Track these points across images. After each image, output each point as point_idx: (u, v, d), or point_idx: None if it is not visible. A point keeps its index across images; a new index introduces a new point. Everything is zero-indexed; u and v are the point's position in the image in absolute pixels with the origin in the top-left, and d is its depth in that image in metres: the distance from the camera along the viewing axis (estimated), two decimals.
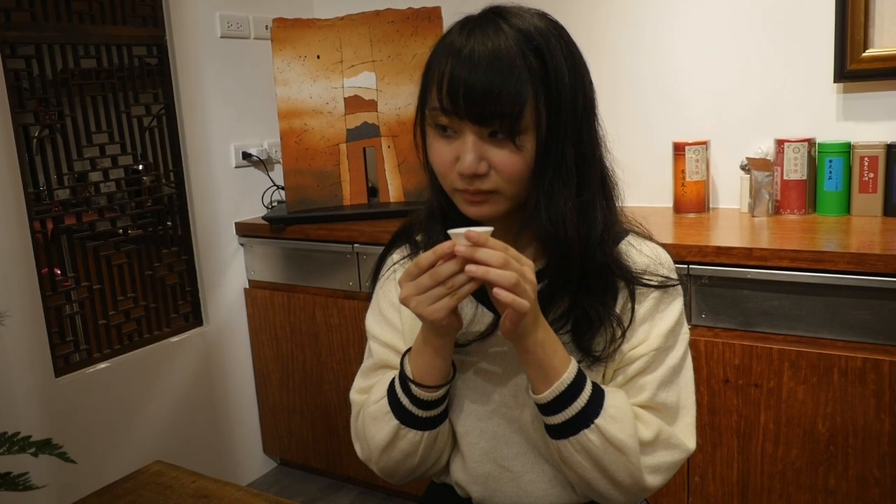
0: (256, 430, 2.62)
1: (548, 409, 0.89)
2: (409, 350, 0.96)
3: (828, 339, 1.61)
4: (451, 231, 0.84)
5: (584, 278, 0.93)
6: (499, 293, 0.81)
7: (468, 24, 0.92)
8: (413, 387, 0.93)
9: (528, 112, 0.87)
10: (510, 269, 0.81)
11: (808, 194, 1.96)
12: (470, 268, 0.81)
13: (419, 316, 0.86)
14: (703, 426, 1.75)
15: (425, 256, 0.84)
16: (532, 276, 0.84)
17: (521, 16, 0.91)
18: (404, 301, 0.86)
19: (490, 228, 0.84)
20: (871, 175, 1.88)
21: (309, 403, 2.45)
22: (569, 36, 0.93)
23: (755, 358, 1.67)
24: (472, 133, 0.88)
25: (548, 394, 0.88)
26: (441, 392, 0.95)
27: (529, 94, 0.87)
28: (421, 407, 0.94)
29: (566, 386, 0.88)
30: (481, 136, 0.89)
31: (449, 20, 0.95)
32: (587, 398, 0.89)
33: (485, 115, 0.87)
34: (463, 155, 0.89)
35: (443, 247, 0.83)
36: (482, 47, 0.87)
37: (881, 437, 1.56)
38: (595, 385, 0.91)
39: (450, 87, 0.87)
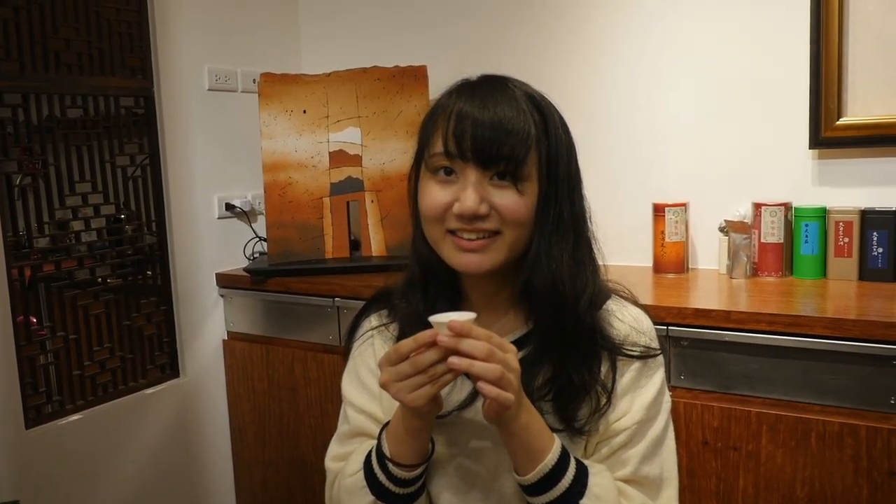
0: (230, 485, 2.56)
1: (532, 490, 0.88)
2: (387, 424, 0.94)
3: (805, 402, 1.62)
4: (432, 319, 0.82)
5: (573, 343, 0.93)
6: (483, 387, 0.80)
7: (469, 82, 0.94)
8: (390, 465, 0.92)
9: (531, 157, 0.88)
10: (494, 360, 0.80)
11: (784, 257, 1.99)
12: (453, 360, 0.80)
13: (399, 402, 0.84)
14: (683, 489, 1.72)
15: (406, 344, 0.83)
16: (516, 364, 0.83)
17: (521, 82, 0.95)
18: (384, 386, 0.84)
19: (473, 315, 0.83)
20: (846, 240, 1.92)
21: (285, 458, 2.41)
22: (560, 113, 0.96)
23: (734, 420, 1.67)
24: (474, 175, 0.88)
25: (532, 476, 0.87)
26: (418, 471, 0.93)
27: (534, 139, 0.88)
28: (398, 484, 0.92)
29: (550, 468, 0.87)
30: (483, 180, 0.89)
31: (434, 78, 0.98)
32: (571, 478, 0.87)
33: (491, 155, 0.87)
34: (465, 195, 0.88)
35: (424, 335, 0.82)
36: (490, 95, 0.89)
37: (859, 503, 1.55)
38: (579, 463, 0.90)
39: (457, 125, 0.87)
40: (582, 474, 0.89)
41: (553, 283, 0.90)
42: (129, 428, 2.23)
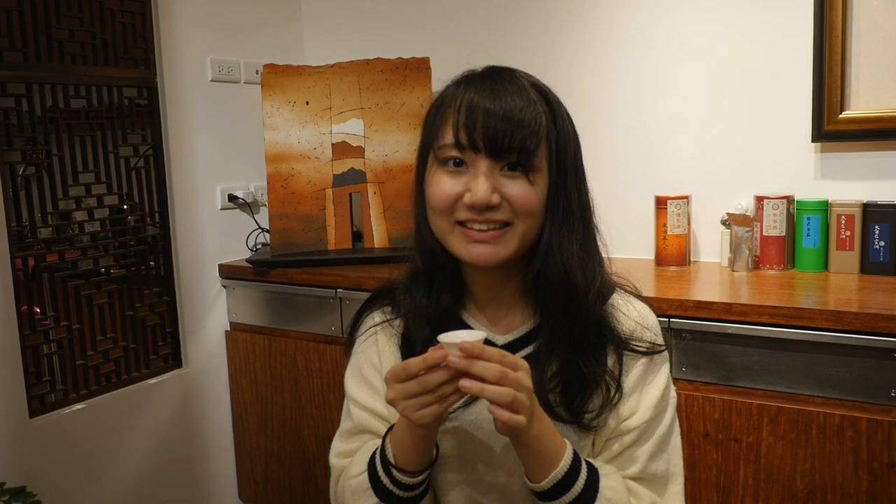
0: (232, 475, 2.58)
1: (545, 496, 0.88)
2: (391, 428, 0.94)
3: (806, 395, 1.62)
4: (442, 338, 0.81)
5: (582, 335, 0.92)
6: (495, 411, 0.79)
7: (476, 73, 0.93)
8: (395, 471, 0.91)
9: (542, 148, 0.88)
10: (506, 382, 0.78)
11: (787, 250, 1.99)
12: (464, 383, 0.78)
13: (406, 419, 0.83)
14: (684, 481, 1.74)
15: (414, 363, 0.81)
16: (528, 382, 0.81)
17: (526, 73, 0.94)
18: (391, 402, 0.83)
19: (483, 335, 0.82)
20: (848, 233, 1.92)
21: (287, 449, 2.42)
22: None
23: (735, 412, 1.67)
24: (485, 166, 0.87)
25: (545, 483, 0.87)
26: (422, 476, 0.92)
27: (545, 130, 0.87)
28: (401, 488, 0.92)
29: (563, 474, 0.87)
30: (494, 171, 0.88)
31: (437, 72, 0.97)
32: (583, 483, 0.88)
33: (503, 146, 0.86)
34: (476, 185, 0.87)
35: (434, 356, 0.80)
36: (500, 85, 0.88)
37: (859, 495, 1.56)
38: (590, 467, 0.90)
39: (468, 115, 0.86)
40: (593, 478, 0.89)
41: (565, 274, 0.90)
42: (132, 418, 2.24)
